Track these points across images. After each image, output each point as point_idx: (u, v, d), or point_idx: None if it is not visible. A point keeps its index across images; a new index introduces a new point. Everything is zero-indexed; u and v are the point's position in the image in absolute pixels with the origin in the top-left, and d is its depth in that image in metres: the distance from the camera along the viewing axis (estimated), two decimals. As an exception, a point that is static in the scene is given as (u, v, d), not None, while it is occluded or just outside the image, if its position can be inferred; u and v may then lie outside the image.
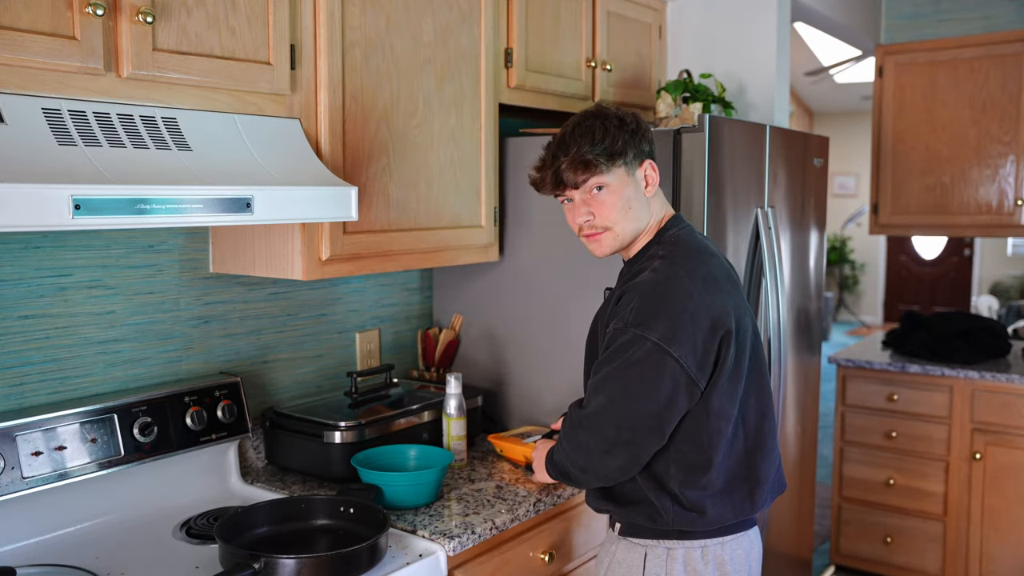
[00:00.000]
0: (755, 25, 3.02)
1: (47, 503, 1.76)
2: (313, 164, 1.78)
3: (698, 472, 1.64)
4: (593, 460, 1.65)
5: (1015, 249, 10.12)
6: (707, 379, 1.61)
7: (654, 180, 1.73)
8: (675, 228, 1.74)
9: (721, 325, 1.60)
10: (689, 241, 1.72)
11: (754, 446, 1.71)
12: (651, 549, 1.70)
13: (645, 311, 1.58)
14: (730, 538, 1.71)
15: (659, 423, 1.59)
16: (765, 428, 1.73)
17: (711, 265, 1.68)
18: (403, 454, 2.09)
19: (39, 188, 1.28)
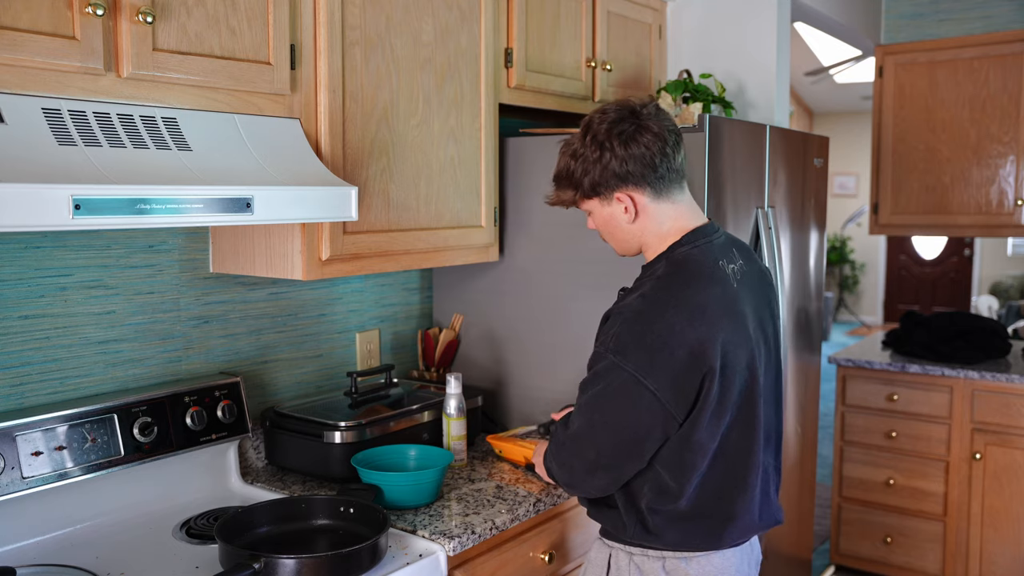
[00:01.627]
0: (755, 25, 3.02)
1: (47, 503, 1.76)
2: (313, 164, 1.78)
3: (667, 497, 1.62)
4: (575, 478, 1.68)
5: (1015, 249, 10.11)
6: (686, 412, 1.56)
7: (630, 208, 1.63)
8: (688, 245, 1.64)
9: (703, 361, 1.53)
10: (695, 264, 1.62)
11: (731, 482, 1.64)
12: (615, 552, 1.72)
13: (625, 339, 1.54)
14: (699, 555, 1.66)
15: (638, 449, 1.58)
16: (749, 464, 1.65)
17: (708, 295, 1.58)
18: (403, 454, 2.09)
19: (39, 188, 1.28)
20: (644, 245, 1.69)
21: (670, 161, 1.62)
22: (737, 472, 1.64)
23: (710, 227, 1.69)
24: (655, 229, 1.66)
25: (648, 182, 1.61)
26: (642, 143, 1.59)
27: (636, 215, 1.64)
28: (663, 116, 1.64)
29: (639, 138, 1.59)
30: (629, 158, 1.59)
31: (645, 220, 1.65)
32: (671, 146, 1.62)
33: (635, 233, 1.67)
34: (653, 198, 1.64)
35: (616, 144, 1.59)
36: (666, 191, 1.64)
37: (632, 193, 1.62)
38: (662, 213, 1.65)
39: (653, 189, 1.63)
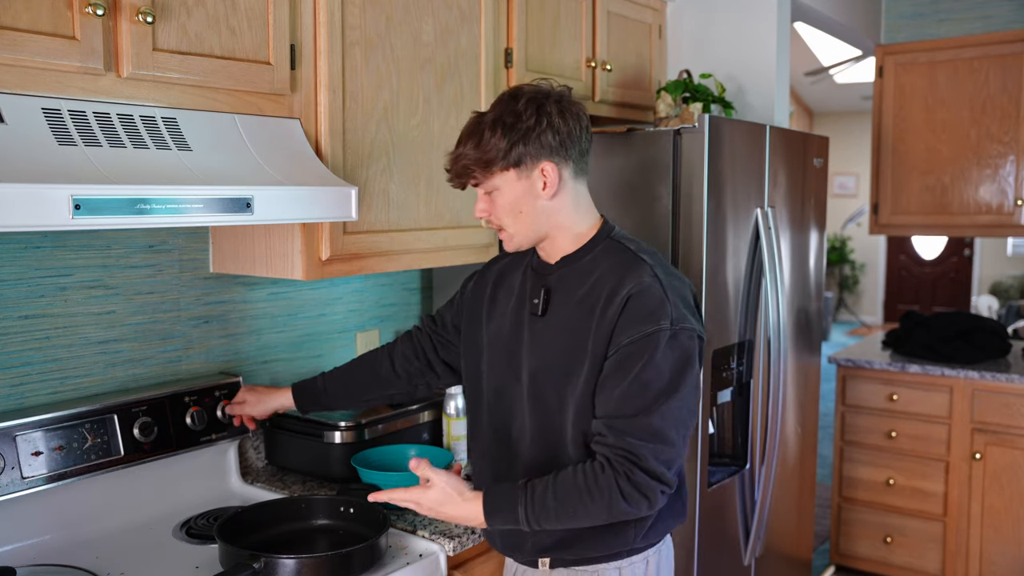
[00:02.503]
0: (755, 25, 3.02)
1: (47, 503, 1.76)
2: (313, 164, 1.78)
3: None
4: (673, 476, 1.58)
5: (1015, 249, 10.11)
6: None
7: (552, 182, 1.55)
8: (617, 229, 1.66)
9: None
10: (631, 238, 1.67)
11: None
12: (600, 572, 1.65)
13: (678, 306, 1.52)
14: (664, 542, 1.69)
15: None
16: None
17: None
18: (403, 454, 2.09)
19: (39, 188, 1.28)
20: (554, 228, 1.60)
21: (588, 143, 1.61)
22: None
23: None
24: (570, 209, 1.60)
25: (573, 159, 1.58)
26: (574, 114, 1.57)
27: (556, 191, 1.56)
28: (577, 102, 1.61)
29: (575, 112, 1.57)
30: (564, 128, 1.54)
31: (564, 198, 1.59)
32: (588, 129, 1.61)
33: (548, 213, 1.58)
34: (573, 176, 1.59)
35: (555, 111, 1.54)
36: (582, 173, 1.62)
37: (559, 166, 1.56)
38: (578, 194, 1.61)
39: (576, 167, 1.59)
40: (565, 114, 1.55)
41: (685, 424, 1.51)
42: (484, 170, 1.56)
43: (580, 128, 1.57)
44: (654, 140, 2.31)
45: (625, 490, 1.46)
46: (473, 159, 1.55)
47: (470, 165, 1.56)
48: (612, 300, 1.52)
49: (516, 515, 1.49)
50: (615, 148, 2.37)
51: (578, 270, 1.60)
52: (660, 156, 2.29)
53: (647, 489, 1.46)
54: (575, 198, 1.61)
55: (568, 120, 1.55)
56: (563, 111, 1.55)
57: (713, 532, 2.43)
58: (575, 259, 1.61)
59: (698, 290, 2.28)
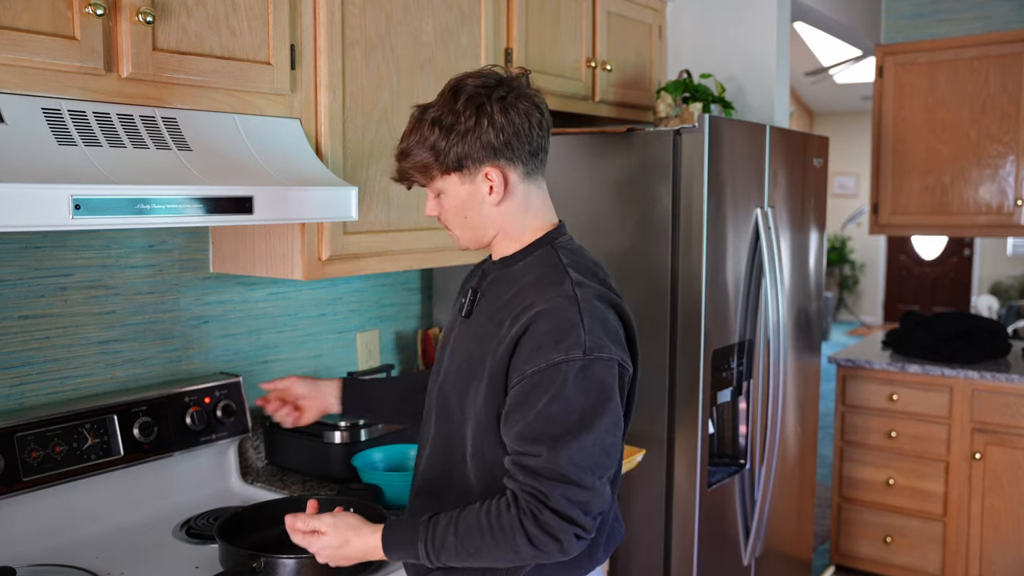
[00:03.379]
0: (755, 25, 3.02)
1: (47, 503, 1.76)
2: (313, 164, 1.78)
3: None
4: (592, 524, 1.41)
5: (1015, 249, 10.11)
6: None
7: (498, 187, 1.42)
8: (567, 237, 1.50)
9: None
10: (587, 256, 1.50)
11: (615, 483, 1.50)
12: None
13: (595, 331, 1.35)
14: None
15: None
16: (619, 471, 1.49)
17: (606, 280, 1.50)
18: (403, 454, 2.09)
19: (39, 188, 1.28)
20: (501, 232, 1.47)
21: (545, 141, 1.45)
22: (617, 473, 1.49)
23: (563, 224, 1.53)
24: (519, 215, 1.46)
25: (521, 159, 1.42)
26: (521, 110, 1.40)
27: (503, 196, 1.43)
28: (534, 88, 1.45)
29: (521, 107, 1.40)
30: (508, 126, 1.39)
31: (511, 202, 1.44)
32: (546, 121, 1.45)
33: (494, 218, 1.45)
34: (522, 178, 1.44)
35: (496, 109, 1.38)
36: (535, 174, 1.46)
37: (505, 169, 1.42)
38: (528, 197, 1.46)
39: (525, 168, 1.44)
40: (509, 110, 1.39)
41: (601, 465, 1.33)
42: (423, 174, 1.45)
43: (530, 124, 1.41)
44: (654, 140, 2.31)
45: (530, 531, 1.30)
46: (412, 163, 1.44)
47: (409, 169, 1.45)
48: (519, 318, 1.37)
49: (416, 550, 1.37)
50: (615, 148, 2.37)
51: (508, 276, 1.47)
52: (660, 156, 2.29)
53: (557, 531, 1.30)
54: (525, 201, 1.46)
55: (513, 117, 1.39)
56: (507, 107, 1.39)
57: (713, 532, 2.44)
58: (510, 263, 1.48)
59: (698, 290, 2.28)
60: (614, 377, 1.36)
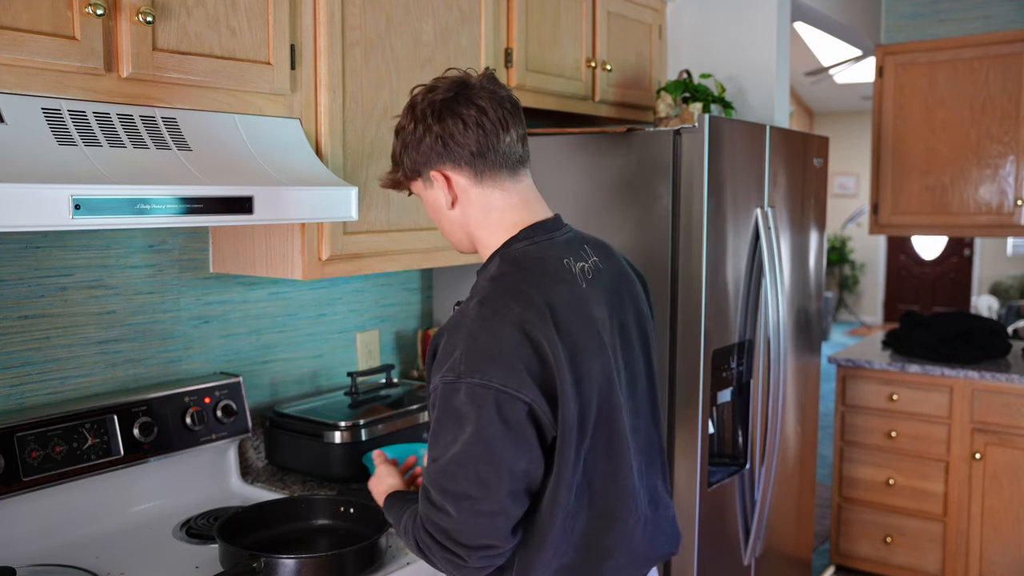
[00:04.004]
0: (755, 25, 3.02)
1: (47, 503, 1.76)
2: (313, 164, 1.78)
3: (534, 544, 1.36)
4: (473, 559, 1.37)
5: (1015, 249, 10.11)
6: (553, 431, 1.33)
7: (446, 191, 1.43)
8: (525, 241, 1.42)
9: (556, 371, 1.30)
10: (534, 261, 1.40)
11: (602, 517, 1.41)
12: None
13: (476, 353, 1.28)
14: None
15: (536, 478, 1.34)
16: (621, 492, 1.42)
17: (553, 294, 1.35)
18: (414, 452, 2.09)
19: (39, 188, 1.28)
20: (474, 239, 1.47)
21: (494, 140, 1.40)
22: (608, 504, 1.41)
23: (553, 222, 1.47)
24: (480, 219, 1.44)
25: (466, 162, 1.40)
26: (459, 115, 1.39)
27: (455, 198, 1.43)
28: (497, 90, 1.43)
29: (458, 110, 1.39)
30: (443, 132, 1.39)
31: (467, 207, 1.44)
32: (495, 122, 1.40)
33: (458, 222, 1.46)
34: (474, 181, 1.42)
35: (431, 118, 1.40)
36: (492, 175, 1.42)
37: (448, 173, 1.42)
38: (488, 200, 1.43)
39: (473, 170, 1.41)
40: (444, 115, 1.39)
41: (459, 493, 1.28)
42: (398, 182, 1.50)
43: (464, 126, 1.38)
44: (654, 140, 2.31)
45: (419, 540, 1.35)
46: (389, 171, 1.51)
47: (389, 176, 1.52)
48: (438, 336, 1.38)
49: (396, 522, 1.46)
50: (615, 148, 2.37)
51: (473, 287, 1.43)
52: (660, 156, 2.29)
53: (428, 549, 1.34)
54: (484, 204, 1.43)
55: (447, 122, 1.39)
56: (441, 112, 1.39)
57: (713, 532, 2.43)
58: (480, 273, 1.45)
59: (698, 290, 2.28)
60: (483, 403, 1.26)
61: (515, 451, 1.28)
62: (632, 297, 1.53)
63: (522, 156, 1.46)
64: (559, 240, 1.45)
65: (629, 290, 1.53)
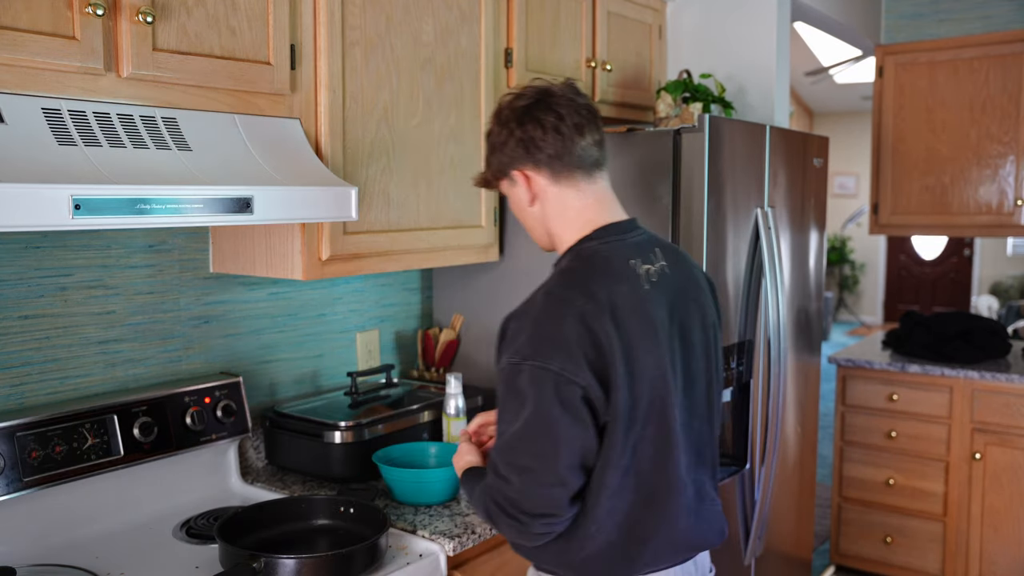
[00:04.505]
0: (755, 25, 3.02)
1: (47, 503, 1.76)
2: (313, 164, 1.78)
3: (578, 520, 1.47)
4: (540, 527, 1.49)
5: (1015, 249, 10.11)
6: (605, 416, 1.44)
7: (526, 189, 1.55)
8: (597, 241, 1.52)
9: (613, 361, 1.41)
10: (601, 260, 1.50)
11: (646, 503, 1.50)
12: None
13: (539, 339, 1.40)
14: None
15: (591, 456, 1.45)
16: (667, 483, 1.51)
17: (614, 292, 1.45)
18: (424, 451, 2.10)
19: (39, 188, 1.28)
20: (552, 235, 1.58)
21: (570, 144, 1.51)
22: (653, 491, 1.50)
23: (627, 224, 1.57)
24: (557, 217, 1.56)
25: (544, 163, 1.52)
26: (538, 120, 1.51)
27: (535, 196, 1.55)
28: (576, 98, 1.54)
29: (539, 116, 1.51)
30: (524, 135, 1.52)
31: (545, 205, 1.56)
32: (572, 128, 1.51)
33: (538, 219, 1.58)
34: (552, 181, 1.53)
35: (514, 122, 1.53)
36: (568, 176, 1.53)
37: (529, 172, 1.54)
38: (564, 199, 1.55)
39: (551, 171, 1.53)
40: (525, 120, 1.51)
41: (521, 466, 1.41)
42: (488, 181, 1.63)
43: (543, 130, 1.51)
44: (654, 140, 2.31)
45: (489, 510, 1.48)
46: (481, 172, 1.65)
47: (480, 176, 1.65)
48: None
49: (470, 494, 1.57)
50: (615, 148, 2.37)
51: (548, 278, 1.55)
52: (660, 156, 2.29)
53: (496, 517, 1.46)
54: (559, 206, 1.55)
55: (528, 126, 1.51)
56: (522, 117, 1.52)
57: (713, 532, 2.43)
58: (554, 266, 1.57)
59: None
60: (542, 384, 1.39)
61: (571, 429, 1.40)
62: (698, 303, 1.61)
63: (598, 159, 1.57)
64: (629, 242, 1.55)
65: (696, 296, 1.61)
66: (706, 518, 1.60)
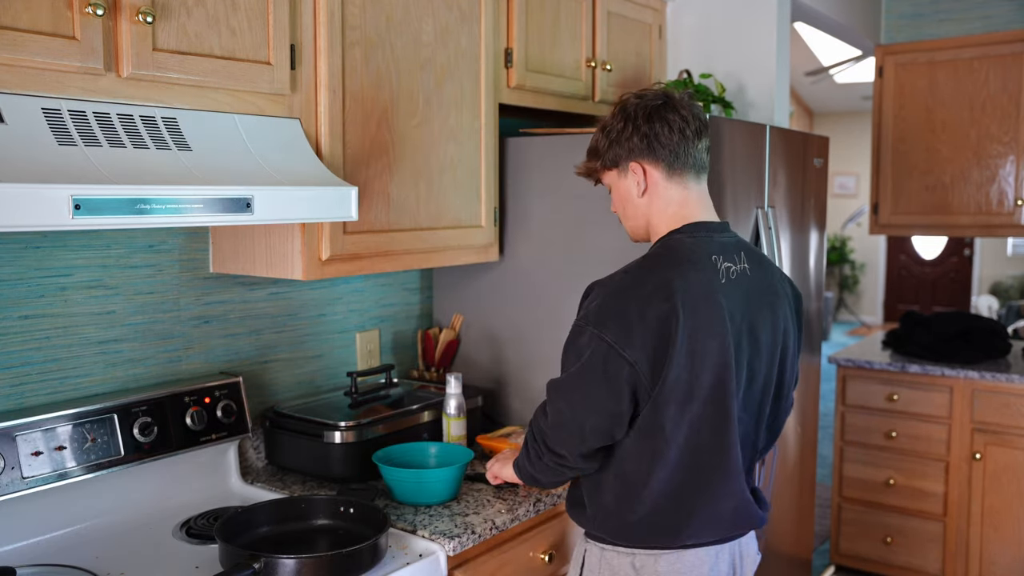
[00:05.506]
0: (755, 25, 3.02)
1: (47, 503, 1.76)
2: (313, 164, 1.78)
3: (632, 490, 1.62)
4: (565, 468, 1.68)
5: (1015, 249, 10.11)
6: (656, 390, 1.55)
7: (640, 182, 1.68)
8: (685, 234, 1.65)
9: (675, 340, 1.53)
10: (685, 250, 1.62)
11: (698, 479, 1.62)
12: (589, 547, 1.72)
13: (604, 311, 1.56)
14: (668, 552, 1.64)
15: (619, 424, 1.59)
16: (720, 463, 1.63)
17: (689, 279, 1.57)
18: (424, 451, 2.10)
19: (39, 188, 1.28)
20: (650, 227, 1.71)
21: (689, 146, 1.67)
22: (705, 469, 1.62)
23: (718, 225, 1.70)
24: (660, 209, 1.69)
25: (662, 158, 1.66)
26: (666, 120, 1.65)
27: (646, 189, 1.68)
28: (694, 106, 1.70)
29: (666, 116, 1.66)
30: (650, 132, 1.65)
31: (654, 197, 1.69)
32: (693, 132, 1.67)
33: (641, 210, 1.71)
34: (665, 176, 1.67)
35: (641, 119, 1.66)
36: (680, 174, 1.68)
37: (646, 165, 1.67)
38: (670, 194, 1.68)
39: (667, 166, 1.67)
40: (653, 119, 1.65)
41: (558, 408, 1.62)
42: (595, 170, 1.76)
43: (671, 131, 1.65)
44: (654, 140, 2.30)
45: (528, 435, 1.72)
46: (585, 161, 1.78)
47: (586, 165, 1.78)
48: None
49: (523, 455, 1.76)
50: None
51: None
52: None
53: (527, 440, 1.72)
54: (665, 199, 1.68)
55: (656, 125, 1.65)
56: (651, 116, 1.65)
57: (713, 532, 2.43)
58: None
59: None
60: (596, 351, 1.56)
61: (606, 399, 1.56)
62: (772, 308, 1.71)
63: (704, 165, 1.71)
64: (716, 240, 1.67)
65: (771, 301, 1.71)
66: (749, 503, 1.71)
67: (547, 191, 2.42)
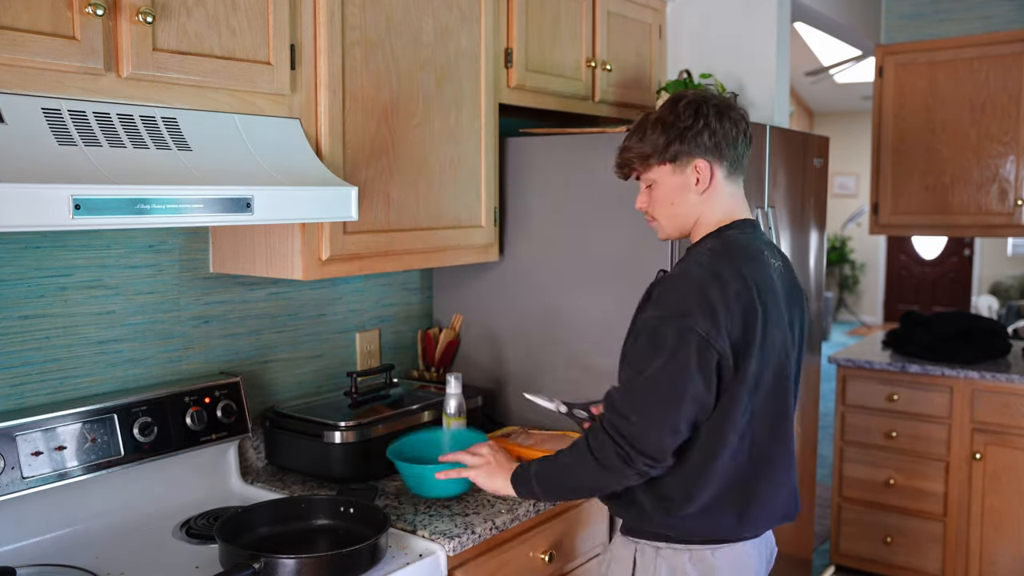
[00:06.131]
0: (755, 25, 3.02)
1: (47, 503, 1.76)
2: (313, 164, 1.78)
3: (693, 482, 1.62)
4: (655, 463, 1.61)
5: (1015, 249, 10.11)
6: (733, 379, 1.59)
7: (704, 179, 1.68)
8: (737, 230, 1.69)
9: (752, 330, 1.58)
10: (745, 244, 1.67)
11: (757, 467, 1.65)
12: (640, 547, 1.71)
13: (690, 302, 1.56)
14: (723, 546, 1.66)
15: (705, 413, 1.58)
16: (777, 452, 1.68)
17: (758, 273, 1.63)
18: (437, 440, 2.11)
19: (39, 188, 1.28)
20: (697, 224, 1.72)
21: (745, 148, 1.71)
22: (764, 457, 1.65)
23: (756, 223, 1.75)
24: (714, 207, 1.70)
25: (727, 159, 1.68)
26: (734, 122, 1.68)
27: (708, 187, 1.68)
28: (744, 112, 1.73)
29: (733, 116, 1.68)
30: (720, 130, 1.66)
31: (712, 195, 1.70)
32: (750, 138, 1.72)
33: (696, 207, 1.71)
34: (725, 175, 1.70)
35: (712, 116, 1.66)
36: (735, 174, 1.71)
37: (712, 164, 1.68)
38: (725, 193, 1.71)
39: (729, 166, 1.69)
40: (723, 118, 1.66)
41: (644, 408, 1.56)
42: (643, 163, 1.71)
43: (737, 132, 1.68)
44: (654, 140, 2.30)
45: (591, 444, 1.62)
46: (635, 152, 1.71)
47: (632, 158, 1.72)
48: None
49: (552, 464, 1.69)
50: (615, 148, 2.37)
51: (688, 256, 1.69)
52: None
53: (601, 448, 1.60)
54: (720, 197, 1.70)
55: (725, 124, 1.66)
56: (721, 115, 1.66)
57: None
58: (695, 247, 1.70)
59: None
60: (686, 340, 1.54)
61: (699, 388, 1.55)
62: (799, 305, 1.77)
63: (746, 166, 1.76)
64: (761, 237, 1.74)
65: (797, 297, 1.78)
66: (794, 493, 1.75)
67: (547, 191, 2.42)
